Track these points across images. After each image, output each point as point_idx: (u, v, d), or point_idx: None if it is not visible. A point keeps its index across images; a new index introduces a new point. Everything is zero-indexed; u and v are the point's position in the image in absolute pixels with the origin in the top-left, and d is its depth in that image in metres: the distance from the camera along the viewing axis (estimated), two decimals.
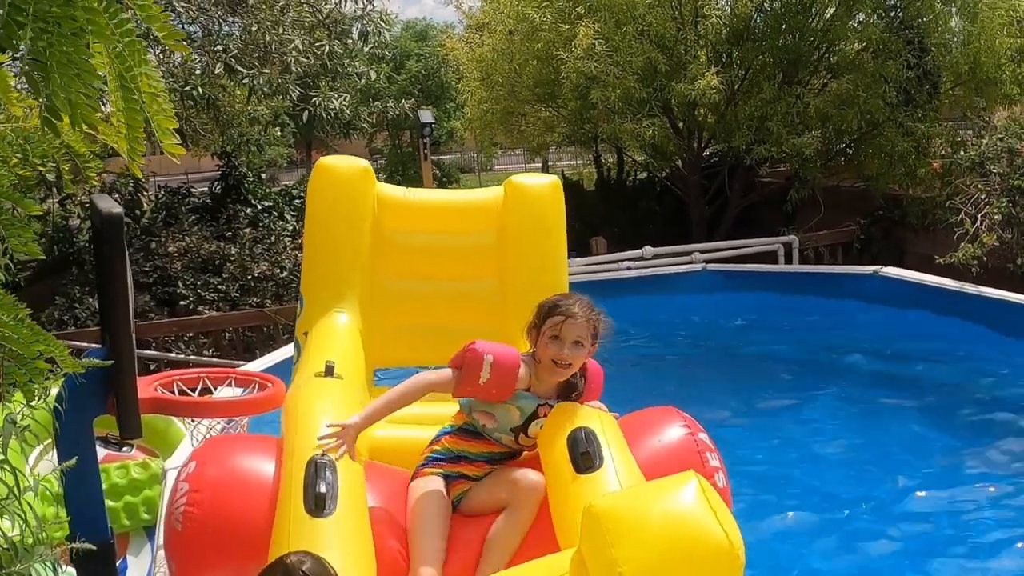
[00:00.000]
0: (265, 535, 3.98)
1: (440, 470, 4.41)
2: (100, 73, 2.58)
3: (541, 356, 4.37)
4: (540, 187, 6.39)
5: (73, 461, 3.69)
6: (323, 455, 4.07)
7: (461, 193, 7.17)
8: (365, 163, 6.47)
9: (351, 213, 6.24)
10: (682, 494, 3.34)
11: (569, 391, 4.47)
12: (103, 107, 3.55)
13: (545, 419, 4.37)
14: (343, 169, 6.37)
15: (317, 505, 3.90)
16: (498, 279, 6.27)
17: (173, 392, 4.78)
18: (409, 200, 6.48)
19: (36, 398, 2.82)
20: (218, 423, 5.35)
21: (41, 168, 2.91)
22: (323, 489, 3.94)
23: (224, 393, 5.42)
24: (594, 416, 4.35)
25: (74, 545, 3.61)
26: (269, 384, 5.14)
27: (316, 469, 4.02)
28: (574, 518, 3.74)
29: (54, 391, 4.24)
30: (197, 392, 4.96)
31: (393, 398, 4.37)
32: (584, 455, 4.09)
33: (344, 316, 5.89)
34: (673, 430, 4.51)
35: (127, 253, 3.79)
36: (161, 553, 5.22)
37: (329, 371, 4.92)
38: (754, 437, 8.29)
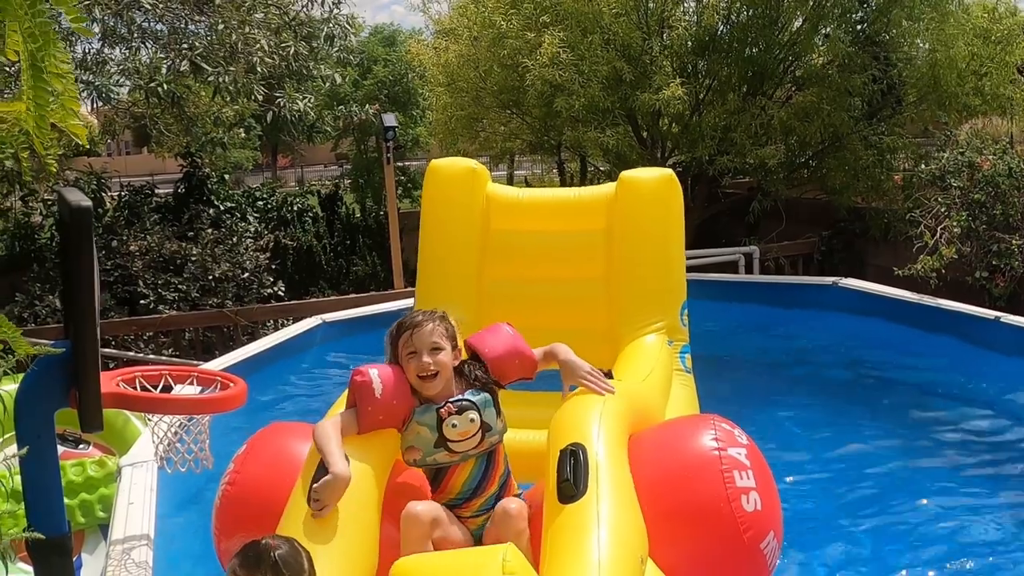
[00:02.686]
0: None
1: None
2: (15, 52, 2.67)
3: (409, 378, 4.38)
4: (652, 181, 6.32)
5: (24, 451, 3.69)
6: None
7: (572, 191, 7.15)
8: (476, 164, 6.59)
9: (462, 213, 6.40)
10: (481, 568, 3.33)
11: (470, 380, 4.48)
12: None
13: (457, 416, 4.33)
14: (455, 170, 6.53)
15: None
16: (606, 277, 6.23)
17: (135, 388, 4.77)
18: (520, 199, 6.55)
19: None
20: (179, 420, 5.33)
21: (0, 156, 2.93)
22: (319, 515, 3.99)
23: (186, 391, 5.41)
24: (590, 427, 4.19)
25: (29, 535, 3.61)
26: (231, 383, 5.14)
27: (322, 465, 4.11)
28: (552, 549, 3.76)
29: (12, 387, 4.23)
30: (159, 389, 4.95)
31: (322, 442, 4.22)
32: (565, 483, 3.94)
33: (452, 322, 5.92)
34: (698, 445, 4.26)
35: (95, 247, 3.78)
36: (115, 549, 5.22)
37: None
38: None
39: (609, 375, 4.74)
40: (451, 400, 4.38)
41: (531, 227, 6.44)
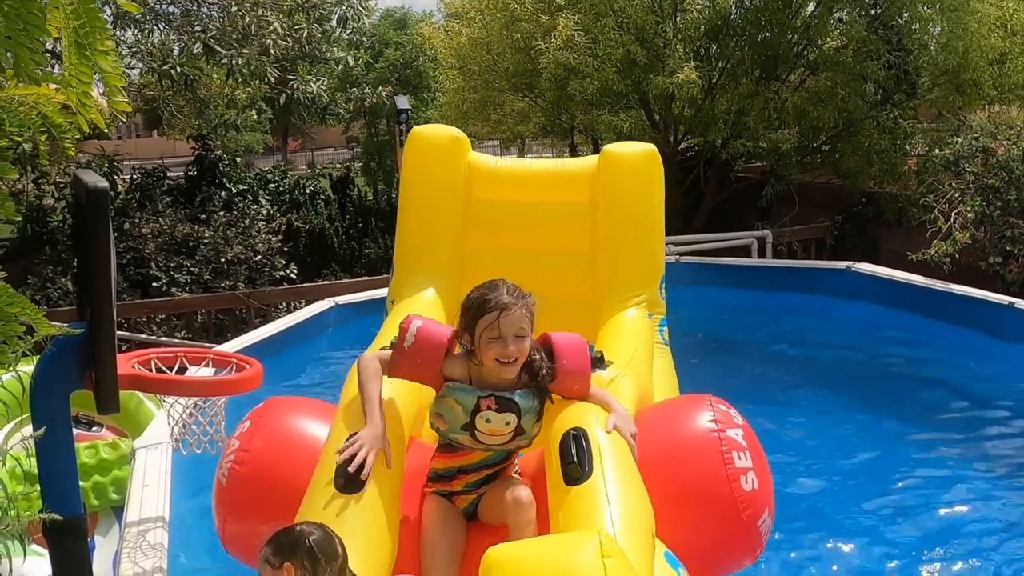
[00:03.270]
0: (299, 500, 4.03)
1: (442, 488, 4.34)
2: (56, 28, 2.66)
3: (483, 358, 4.15)
4: (635, 155, 6.35)
5: (41, 432, 3.69)
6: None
7: (554, 162, 7.15)
8: (458, 132, 6.46)
9: (443, 182, 6.27)
10: (579, 553, 3.24)
11: (534, 375, 4.24)
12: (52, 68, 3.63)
13: (493, 412, 4.15)
14: (436, 137, 6.40)
15: (347, 483, 3.92)
16: (589, 251, 6.21)
17: (151, 369, 4.78)
18: (501, 169, 6.50)
19: (11, 364, 2.85)
20: (194, 402, 5.33)
21: (19, 139, 2.93)
22: (353, 468, 3.94)
23: (201, 373, 5.42)
24: (589, 413, 4.19)
25: (44, 516, 3.62)
26: (247, 365, 5.14)
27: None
28: (566, 530, 3.74)
29: (28, 368, 4.24)
30: (174, 371, 4.95)
31: (368, 386, 4.26)
32: (571, 465, 3.94)
33: (431, 290, 5.89)
34: (698, 426, 4.31)
35: (111, 228, 3.78)
36: (130, 531, 5.22)
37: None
38: None
39: (602, 358, 4.67)
40: (496, 394, 4.17)
41: (514, 197, 6.38)
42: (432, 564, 4.09)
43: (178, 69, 13.35)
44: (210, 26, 13.37)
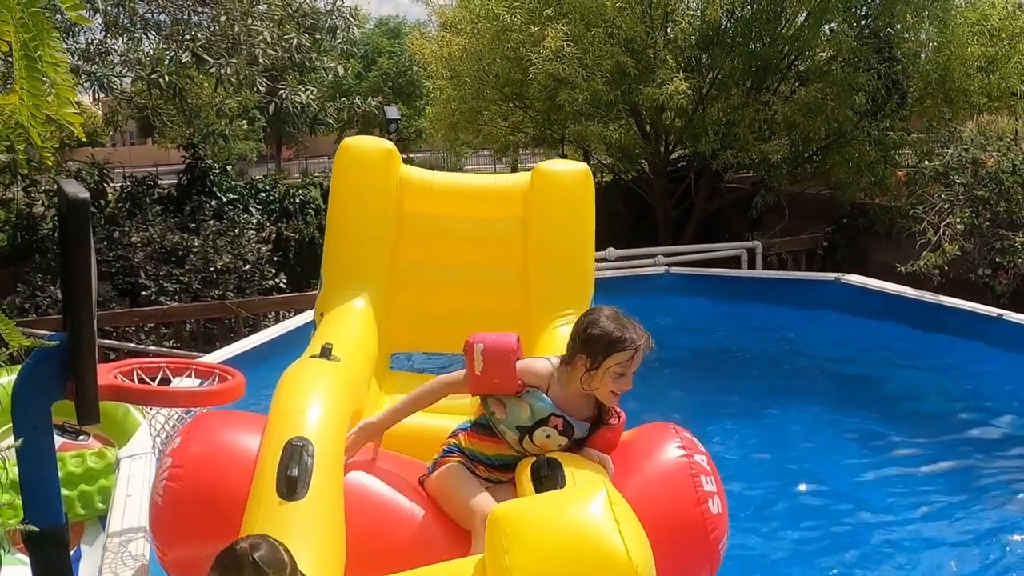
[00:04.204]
0: (242, 513, 3.93)
1: (459, 459, 4.36)
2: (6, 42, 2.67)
3: (597, 388, 4.16)
4: (568, 174, 6.35)
5: (19, 442, 3.68)
6: (300, 438, 4.04)
7: (487, 178, 7.17)
8: (390, 144, 6.47)
9: (374, 194, 6.26)
10: (588, 505, 3.31)
11: (602, 415, 4.29)
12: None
13: (555, 431, 4.21)
14: (367, 150, 6.38)
15: (288, 489, 3.86)
16: (520, 267, 6.25)
17: (133, 380, 4.76)
18: (434, 183, 6.49)
19: None
20: (177, 413, 5.32)
21: None
22: (295, 472, 3.89)
23: (183, 384, 5.40)
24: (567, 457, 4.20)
25: (23, 527, 3.60)
26: (229, 376, 5.13)
27: (291, 452, 3.97)
28: None
29: (9, 378, 4.23)
30: (156, 381, 4.93)
31: (416, 397, 4.41)
32: (547, 477, 4.00)
33: (361, 300, 5.88)
34: (667, 452, 4.32)
35: (92, 239, 3.77)
36: (112, 541, 5.20)
37: (325, 353, 4.92)
38: (710, 440, 8.30)
39: None
40: (567, 417, 4.22)
41: (447, 212, 6.40)
42: (468, 493, 4.18)
43: (167, 78, 13.33)
44: (199, 35, 13.36)
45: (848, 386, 9.73)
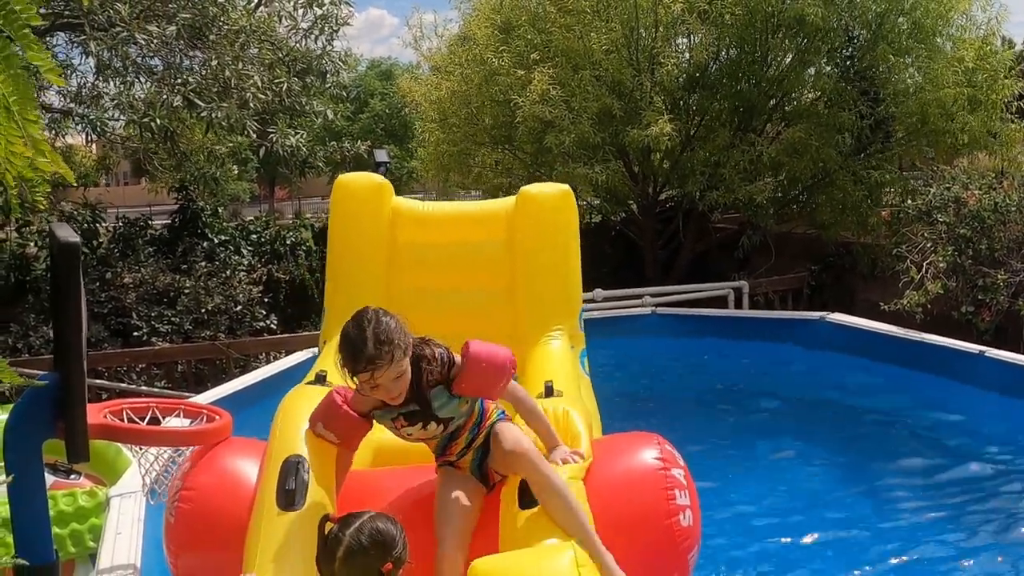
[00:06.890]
0: (244, 529, 4.30)
1: (444, 460, 4.60)
2: None
3: (376, 396, 4.30)
4: (549, 195, 6.61)
5: (10, 478, 3.76)
6: (297, 456, 4.37)
7: (475, 204, 7.49)
8: (382, 179, 6.83)
9: (368, 226, 6.60)
10: (557, 562, 3.70)
11: (424, 379, 4.34)
12: None
13: (409, 427, 4.43)
14: (361, 184, 6.76)
15: (287, 500, 4.20)
16: (508, 285, 6.49)
17: (122, 420, 4.84)
18: (424, 212, 6.79)
19: None
20: (166, 452, 5.39)
21: None
22: (292, 486, 4.23)
23: (172, 423, 5.47)
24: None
25: (13, 561, 3.68)
26: (217, 416, 5.21)
27: (289, 468, 4.31)
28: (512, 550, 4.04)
29: (2, 416, 4.31)
30: (146, 421, 5.01)
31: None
32: (528, 490, 4.19)
33: None
34: (644, 462, 4.51)
35: (83, 282, 3.86)
36: None
37: (320, 380, 5.23)
38: (696, 479, 8.34)
39: (552, 388, 5.05)
40: (402, 412, 4.38)
41: (436, 239, 6.68)
42: (443, 523, 4.35)
43: (158, 121, 13.42)
44: (191, 79, 13.48)
45: (831, 423, 9.79)
